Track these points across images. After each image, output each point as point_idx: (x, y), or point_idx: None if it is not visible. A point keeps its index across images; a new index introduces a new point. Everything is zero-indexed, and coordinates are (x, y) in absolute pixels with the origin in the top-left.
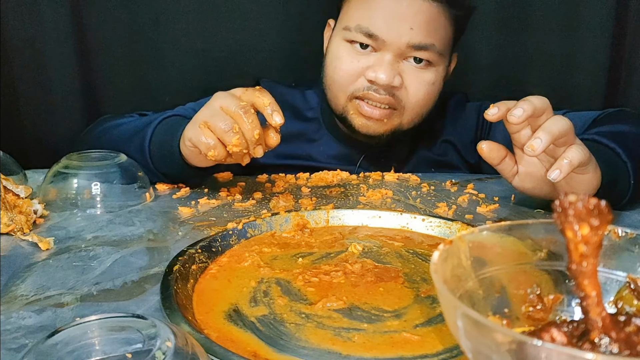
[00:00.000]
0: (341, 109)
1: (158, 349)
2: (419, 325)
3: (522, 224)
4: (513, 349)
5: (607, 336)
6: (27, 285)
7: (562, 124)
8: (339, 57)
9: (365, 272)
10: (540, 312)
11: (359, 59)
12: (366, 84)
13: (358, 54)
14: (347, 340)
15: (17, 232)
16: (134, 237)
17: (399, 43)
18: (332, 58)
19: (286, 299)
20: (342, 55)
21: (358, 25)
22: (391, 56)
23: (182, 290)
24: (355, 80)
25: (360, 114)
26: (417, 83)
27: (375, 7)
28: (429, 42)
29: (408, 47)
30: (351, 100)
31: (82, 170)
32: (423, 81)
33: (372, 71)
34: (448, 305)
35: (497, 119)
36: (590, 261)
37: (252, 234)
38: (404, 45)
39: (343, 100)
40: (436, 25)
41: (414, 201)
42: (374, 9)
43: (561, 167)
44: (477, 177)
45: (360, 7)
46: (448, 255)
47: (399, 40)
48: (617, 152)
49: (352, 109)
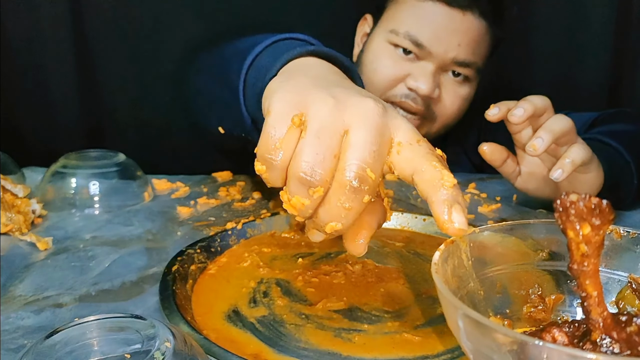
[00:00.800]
0: None
1: (157, 350)
2: (420, 326)
3: (524, 224)
4: (514, 349)
5: (608, 336)
6: (26, 286)
7: (564, 123)
8: (380, 58)
9: (365, 272)
10: (541, 312)
11: (402, 64)
12: (405, 92)
13: (401, 60)
14: (347, 341)
15: (15, 232)
16: (132, 237)
17: (444, 57)
18: (372, 59)
19: (286, 300)
20: (384, 57)
21: (407, 32)
22: (433, 67)
23: (181, 290)
24: (394, 86)
25: None
26: (453, 97)
27: (427, 17)
28: (472, 60)
29: (452, 62)
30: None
31: (81, 170)
32: (459, 96)
33: (414, 80)
34: (449, 305)
35: (498, 119)
36: (592, 261)
37: (251, 234)
38: (449, 59)
39: None
40: (481, 43)
41: (414, 201)
42: (426, 19)
43: (563, 167)
44: (478, 177)
45: (411, 14)
46: (449, 255)
47: (445, 55)
48: (620, 151)
49: None
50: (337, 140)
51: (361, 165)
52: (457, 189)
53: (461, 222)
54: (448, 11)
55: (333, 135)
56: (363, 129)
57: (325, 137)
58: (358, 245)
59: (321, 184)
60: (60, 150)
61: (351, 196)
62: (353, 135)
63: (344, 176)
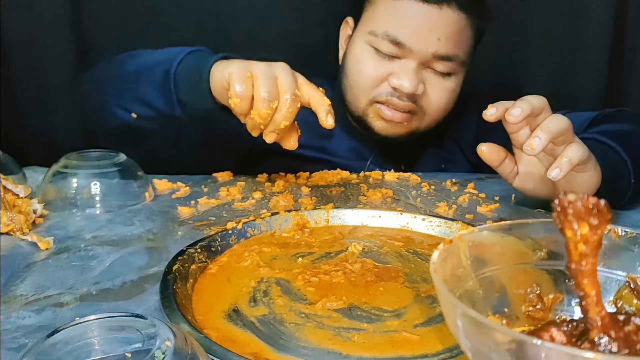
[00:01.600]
0: (361, 111)
1: (157, 349)
2: (419, 325)
3: (522, 224)
4: (513, 348)
5: (606, 335)
6: (27, 285)
7: (561, 122)
8: (362, 60)
9: (365, 271)
10: (540, 311)
11: (383, 64)
12: (389, 90)
13: (382, 59)
14: (347, 340)
15: (17, 232)
16: (133, 236)
17: (425, 53)
18: (354, 61)
19: (286, 299)
20: (365, 59)
21: (385, 32)
22: (415, 64)
23: (182, 289)
24: (378, 86)
25: (381, 117)
26: (439, 91)
27: (404, 15)
28: (454, 53)
29: (434, 57)
30: (372, 104)
31: (82, 170)
32: (445, 89)
33: (396, 78)
34: (448, 304)
35: (496, 119)
36: (590, 260)
37: (251, 233)
38: (430, 55)
39: (364, 104)
40: (462, 36)
41: (414, 201)
42: (403, 17)
43: (561, 166)
44: (477, 177)
45: (388, 13)
46: (448, 254)
47: (425, 50)
48: (617, 150)
49: (372, 113)
50: (274, 79)
51: (290, 88)
52: (330, 106)
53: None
54: (424, 7)
55: (271, 77)
56: (284, 73)
57: (268, 78)
58: (292, 144)
59: (275, 98)
60: (61, 150)
61: (291, 104)
62: (280, 77)
63: (285, 94)
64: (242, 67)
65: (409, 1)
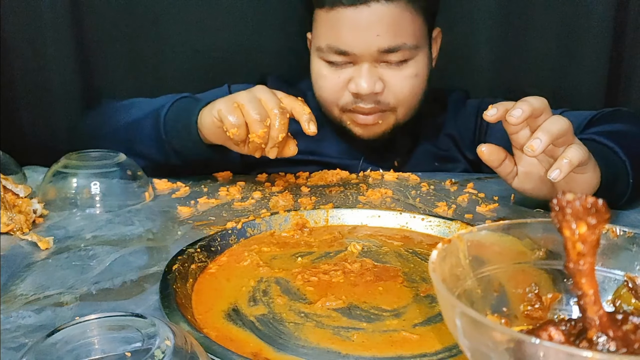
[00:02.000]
0: (337, 120)
1: (157, 348)
2: (418, 324)
3: (521, 223)
4: (511, 347)
5: (604, 334)
6: (27, 285)
7: (561, 124)
8: (321, 75)
9: (364, 271)
10: (538, 310)
11: (339, 74)
12: (351, 98)
13: (338, 69)
14: (346, 340)
15: (17, 232)
16: (133, 236)
17: (370, 52)
18: (315, 77)
19: (285, 298)
20: (323, 73)
21: (328, 45)
22: (367, 65)
23: (182, 289)
24: (342, 95)
25: (356, 123)
26: (399, 81)
27: (338, 23)
28: (398, 43)
29: (379, 53)
30: (344, 112)
31: (82, 170)
32: (405, 77)
33: (353, 83)
34: (447, 304)
35: (496, 120)
36: (588, 260)
37: (251, 233)
38: (375, 52)
39: (337, 114)
40: (402, 24)
41: (413, 200)
42: (339, 26)
43: (561, 167)
44: (476, 177)
45: (326, 26)
46: (447, 254)
47: (369, 50)
48: (616, 151)
49: (347, 120)
50: (259, 101)
51: (276, 104)
52: (311, 114)
53: (314, 128)
54: (353, 11)
55: (255, 100)
56: (265, 93)
57: (253, 102)
58: (292, 150)
59: (266, 117)
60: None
61: (282, 116)
62: (262, 98)
63: (273, 110)
64: (227, 100)
65: (339, 9)
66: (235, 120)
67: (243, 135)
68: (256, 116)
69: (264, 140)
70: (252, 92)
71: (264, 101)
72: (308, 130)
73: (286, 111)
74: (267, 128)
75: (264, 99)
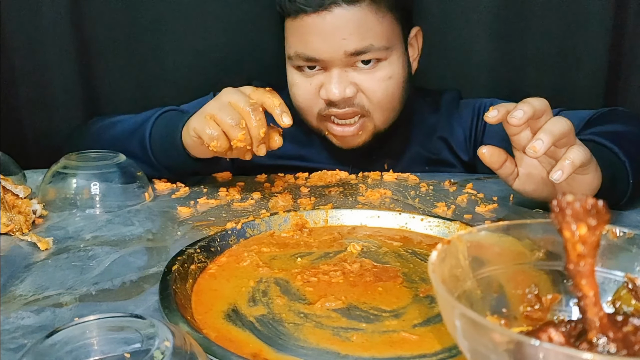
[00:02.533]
0: (316, 129)
1: (157, 349)
2: (418, 325)
3: (520, 224)
4: (511, 348)
5: (604, 336)
6: (26, 285)
7: (563, 125)
8: (294, 84)
9: (364, 271)
10: (538, 311)
11: (311, 81)
12: (324, 105)
13: (309, 77)
14: (345, 340)
15: (16, 232)
16: (132, 237)
17: (338, 56)
18: (290, 86)
19: (285, 299)
20: (296, 82)
21: (296, 52)
22: (337, 70)
23: (181, 290)
24: (315, 102)
25: (334, 135)
26: (372, 84)
27: (305, 30)
28: (365, 45)
29: (348, 57)
30: (321, 120)
31: (81, 170)
32: (378, 80)
33: (323, 90)
34: (446, 305)
35: (497, 122)
36: (588, 261)
37: (251, 233)
38: (342, 56)
39: (314, 122)
40: (367, 25)
41: (412, 201)
42: (304, 33)
43: (563, 168)
44: (476, 177)
45: (294, 33)
46: (446, 255)
47: (336, 54)
48: (615, 152)
49: (325, 129)
50: (228, 106)
51: (246, 102)
52: (283, 105)
53: (289, 119)
54: (315, 17)
55: (225, 106)
56: (232, 95)
57: (223, 108)
58: (278, 142)
59: (240, 119)
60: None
61: (255, 113)
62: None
63: (244, 109)
64: (198, 116)
65: (304, 17)
66: (212, 133)
67: (225, 145)
68: (230, 121)
69: (248, 142)
70: (219, 98)
71: (234, 103)
72: (281, 122)
73: (258, 105)
74: (245, 129)
75: (233, 100)
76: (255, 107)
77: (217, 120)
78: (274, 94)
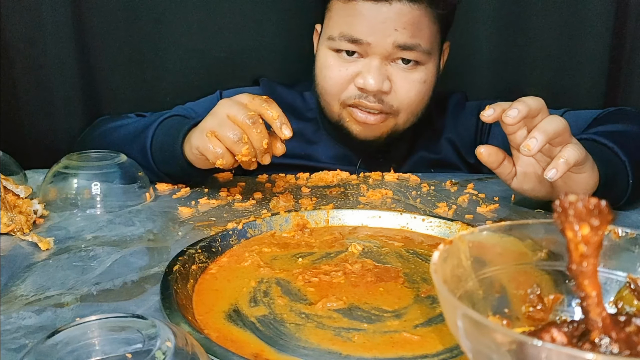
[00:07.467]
0: (336, 116)
1: (158, 349)
2: (419, 325)
3: (522, 224)
4: (513, 349)
5: (607, 336)
6: (27, 286)
7: (557, 123)
8: (327, 65)
9: (365, 272)
10: (540, 312)
11: (347, 66)
12: (357, 92)
13: (346, 62)
14: (347, 340)
15: (17, 232)
16: (134, 237)
17: (384, 44)
18: (320, 67)
19: (286, 299)
20: (330, 64)
21: (341, 32)
22: (378, 61)
23: (182, 290)
24: (345, 88)
25: (355, 120)
26: (407, 84)
27: (357, 12)
28: (414, 42)
29: (394, 48)
30: (344, 107)
31: (82, 171)
32: (413, 81)
33: (361, 78)
34: (448, 305)
35: (493, 120)
36: (591, 261)
37: (252, 234)
38: (389, 46)
39: (337, 108)
40: (420, 26)
41: (413, 201)
42: (356, 15)
43: (557, 166)
44: (477, 177)
45: (342, 15)
46: (448, 255)
47: (384, 42)
48: (615, 151)
49: (347, 116)
50: (227, 120)
51: (245, 115)
52: (282, 115)
53: (289, 132)
54: (372, 5)
55: (224, 121)
56: (230, 107)
57: (223, 123)
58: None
59: (242, 133)
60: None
61: (256, 125)
62: (229, 114)
63: (244, 122)
64: (200, 134)
65: (359, 2)
66: (217, 151)
67: (231, 161)
68: (233, 137)
69: (252, 155)
70: (217, 113)
71: (232, 117)
72: (283, 135)
73: (257, 116)
74: (248, 143)
75: (231, 114)
76: (254, 120)
77: (219, 137)
78: (271, 103)
